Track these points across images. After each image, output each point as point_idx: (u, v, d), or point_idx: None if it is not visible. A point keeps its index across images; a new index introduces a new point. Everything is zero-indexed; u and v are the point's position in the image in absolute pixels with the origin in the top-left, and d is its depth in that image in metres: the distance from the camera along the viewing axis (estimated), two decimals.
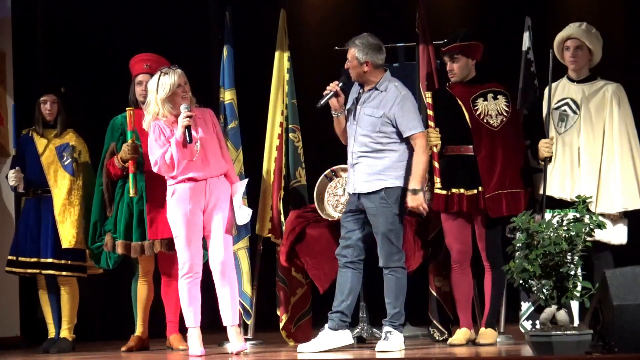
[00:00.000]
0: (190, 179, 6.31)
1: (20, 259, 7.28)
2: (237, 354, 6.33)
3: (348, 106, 6.46)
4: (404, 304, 6.47)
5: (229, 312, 6.37)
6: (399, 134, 6.33)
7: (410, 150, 6.34)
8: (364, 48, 6.36)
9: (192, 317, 6.40)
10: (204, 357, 6.33)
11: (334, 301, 6.41)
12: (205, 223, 6.37)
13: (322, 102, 6.39)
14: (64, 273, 7.23)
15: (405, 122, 6.31)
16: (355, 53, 6.37)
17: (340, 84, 6.39)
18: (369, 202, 6.32)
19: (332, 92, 6.37)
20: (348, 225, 6.40)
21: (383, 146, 6.33)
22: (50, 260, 7.21)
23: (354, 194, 6.38)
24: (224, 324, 6.41)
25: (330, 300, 6.48)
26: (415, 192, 6.26)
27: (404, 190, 6.31)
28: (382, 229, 6.29)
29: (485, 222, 6.58)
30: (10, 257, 7.34)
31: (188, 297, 6.37)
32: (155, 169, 6.38)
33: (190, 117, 6.23)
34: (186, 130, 6.22)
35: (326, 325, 6.36)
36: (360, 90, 6.45)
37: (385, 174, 6.31)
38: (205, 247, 6.53)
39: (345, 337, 6.38)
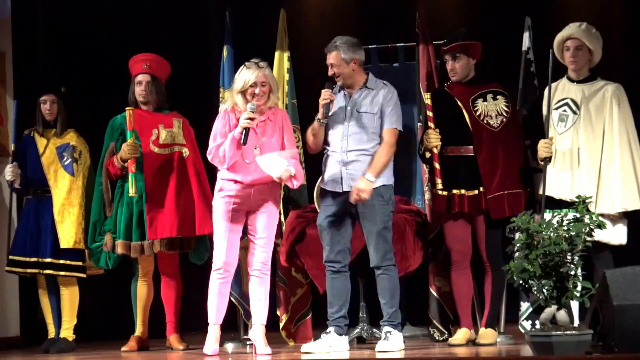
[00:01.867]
0: (238, 181, 6.30)
1: (20, 258, 7.28)
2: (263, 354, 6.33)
3: (333, 111, 6.42)
4: (404, 304, 6.47)
5: (262, 311, 6.42)
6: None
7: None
8: (347, 47, 6.38)
9: (214, 313, 6.40)
10: (217, 357, 6.31)
11: (330, 307, 6.42)
12: (249, 223, 6.39)
13: (325, 112, 6.35)
14: (62, 273, 7.23)
15: (390, 117, 6.35)
16: (340, 54, 6.38)
17: (330, 91, 6.39)
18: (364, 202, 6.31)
19: (330, 100, 6.35)
20: (333, 229, 6.39)
21: (377, 145, 6.33)
22: (49, 260, 7.21)
23: (343, 192, 6.36)
24: (254, 322, 6.43)
25: None
26: (370, 179, 6.22)
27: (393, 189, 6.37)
28: (378, 227, 6.29)
29: (485, 223, 6.58)
30: (9, 257, 7.34)
31: (214, 293, 6.39)
32: (209, 157, 6.34)
33: (251, 119, 6.19)
34: (244, 131, 6.17)
35: (331, 330, 6.37)
36: (345, 93, 6.45)
37: (381, 172, 6.31)
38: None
39: (345, 343, 6.43)
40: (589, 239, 5.40)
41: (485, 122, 6.60)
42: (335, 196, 6.40)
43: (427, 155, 6.67)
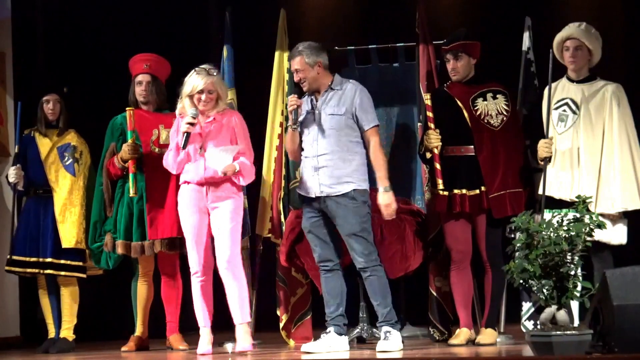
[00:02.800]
0: (190, 183, 6.41)
1: (20, 258, 7.28)
2: (239, 353, 6.32)
3: (302, 117, 6.44)
4: (404, 304, 6.46)
5: (238, 310, 6.41)
6: (360, 135, 6.35)
7: (358, 148, 6.36)
8: (310, 52, 6.39)
9: (202, 316, 6.48)
10: (210, 356, 6.32)
11: (327, 307, 6.43)
12: (211, 222, 6.43)
13: (294, 119, 6.38)
14: (62, 273, 7.24)
15: (364, 115, 6.35)
16: (304, 59, 6.39)
17: (296, 96, 6.40)
18: (336, 205, 6.30)
19: (297, 106, 6.37)
20: (320, 229, 6.40)
21: (348, 149, 6.33)
22: (49, 259, 7.21)
23: (317, 197, 6.36)
24: (235, 322, 6.43)
25: None
26: (386, 190, 6.28)
27: (369, 192, 6.36)
28: (356, 228, 6.28)
29: (486, 222, 6.58)
30: (9, 257, 7.34)
31: (197, 297, 6.46)
32: (164, 164, 6.53)
33: (191, 124, 6.29)
34: (185, 135, 6.28)
35: (331, 329, 6.37)
36: (313, 98, 6.45)
37: (353, 176, 6.32)
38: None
39: (346, 343, 6.43)
40: (589, 239, 5.40)
41: (485, 121, 6.60)
42: (311, 200, 6.42)
43: (428, 155, 6.67)
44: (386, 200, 6.30)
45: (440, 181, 6.60)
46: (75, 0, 8.64)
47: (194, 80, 6.36)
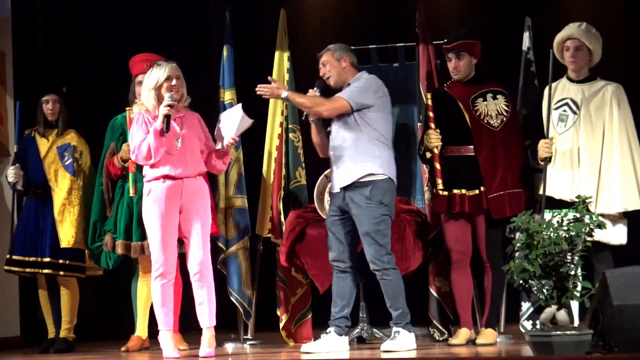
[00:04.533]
0: (166, 177, 6.20)
1: (19, 258, 7.28)
2: (203, 357, 6.22)
3: None
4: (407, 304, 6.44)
5: (207, 314, 6.26)
6: (371, 128, 6.32)
7: (373, 139, 6.32)
8: (338, 47, 6.47)
9: (166, 319, 6.28)
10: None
11: (334, 307, 6.41)
12: (182, 223, 6.25)
13: (305, 113, 6.41)
14: (61, 273, 7.24)
15: (346, 90, 6.35)
16: (331, 53, 6.45)
17: (318, 90, 6.41)
18: (352, 202, 6.27)
19: None
20: (338, 229, 6.39)
21: (362, 143, 6.30)
22: (48, 259, 7.21)
23: (338, 193, 6.34)
24: (201, 326, 6.29)
25: (331, 300, 6.48)
26: (284, 96, 6.32)
27: (389, 182, 6.30)
28: (368, 229, 6.25)
29: (485, 222, 6.58)
30: (8, 256, 7.35)
31: (161, 299, 6.25)
32: (133, 157, 6.30)
33: (171, 106, 6.17)
34: (165, 119, 6.15)
35: (332, 330, 6.36)
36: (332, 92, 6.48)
37: (365, 166, 6.27)
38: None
39: (346, 343, 6.42)
40: (589, 239, 5.40)
41: (485, 121, 6.60)
42: (333, 197, 6.43)
43: (428, 155, 6.67)
44: (275, 85, 6.35)
45: (440, 181, 6.60)
46: (75, 0, 8.64)
47: (157, 72, 6.24)
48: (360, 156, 6.28)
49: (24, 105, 7.49)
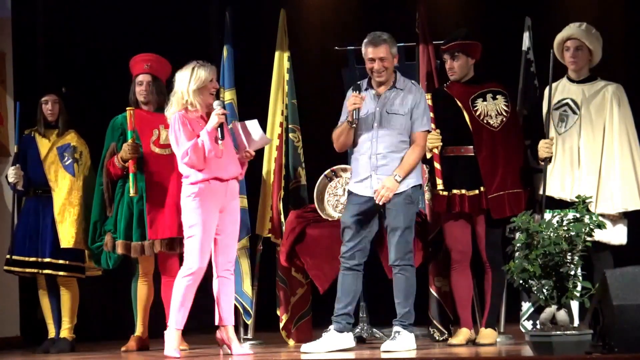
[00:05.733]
0: (216, 178, 6.25)
1: (19, 258, 7.28)
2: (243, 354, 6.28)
3: (362, 113, 6.35)
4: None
5: (231, 311, 6.39)
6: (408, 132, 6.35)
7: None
8: (393, 43, 6.38)
9: (180, 318, 6.30)
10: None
11: (337, 303, 6.40)
12: (219, 222, 6.30)
13: (356, 118, 6.29)
14: (61, 273, 7.23)
15: (421, 119, 6.35)
16: (390, 48, 6.35)
17: (358, 93, 6.32)
18: (391, 202, 6.28)
19: (359, 105, 6.27)
20: (357, 227, 6.35)
21: (404, 146, 6.34)
22: (48, 259, 7.21)
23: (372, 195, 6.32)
24: (226, 323, 6.36)
25: (331, 300, 6.48)
26: (397, 179, 6.25)
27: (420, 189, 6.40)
28: (401, 224, 6.27)
29: (485, 222, 6.58)
30: (8, 257, 7.34)
31: (182, 298, 6.28)
32: (184, 160, 6.22)
33: (224, 114, 6.24)
34: (220, 126, 6.18)
35: (332, 327, 6.36)
36: (373, 92, 6.41)
37: (410, 175, 6.31)
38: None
39: (349, 339, 6.39)
40: (589, 239, 5.40)
41: (485, 121, 6.60)
42: (364, 198, 6.37)
43: (428, 155, 6.67)
44: (389, 184, 6.24)
45: (440, 181, 6.60)
46: (75, 0, 8.64)
47: (202, 73, 6.25)
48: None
49: (23, 105, 7.49)
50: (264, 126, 7.38)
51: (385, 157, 6.33)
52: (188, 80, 6.26)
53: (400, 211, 6.29)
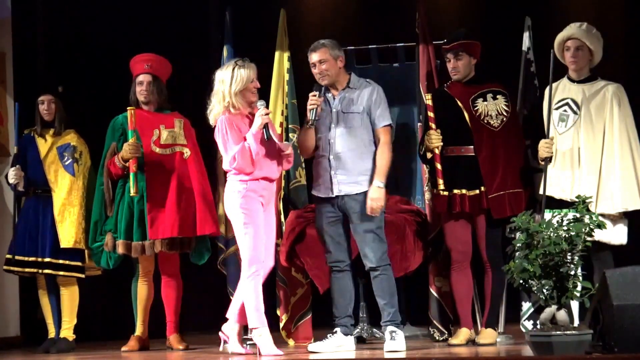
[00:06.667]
0: (265, 178, 6.24)
1: (19, 258, 7.28)
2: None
3: (320, 116, 6.40)
4: (404, 304, 6.45)
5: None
6: (373, 131, 6.36)
7: (370, 144, 6.37)
8: (333, 45, 6.42)
9: (261, 317, 6.22)
10: (283, 357, 6.16)
11: (336, 307, 6.43)
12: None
13: (314, 118, 6.35)
14: (61, 273, 7.23)
15: (380, 115, 6.36)
16: (328, 50, 6.40)
17: (320, 94, 6.37)
18: (354, 202, 6.32)
19: (317, 105, 6.33)
20: (335, 230, 6.40)
21: (364, 146, 6.35)
22: (48, 259, 7.21)
23: (337, 196, 6.36)
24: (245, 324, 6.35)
25: (331, 300, 6.48)
26: (380, 186, 6.26)
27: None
28: (372, 227, 6.29)
29: (486, 222, 6.58)
30: (8, 256, 7.34)
31: (256, 300, 6.20)
32: (233, 165, 6.19)
33: (268, 114, 6.22)
34: (265, 126, 6.17)
35: (338, 330, 6.38)
36: (329, 95, 6.45)
37: (369, 174, 6.32)
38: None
39: (352, 343, 6.44)
40: (589, 239, 5.40)
41: (485, 121, 6.60)
42: (329, 200, 6.41)
43: (428, 155, 6.67)
44: (376, 194, 6.27)
45: (440, 181, 6.60)
46: (75, 0, 8.64)
47: (244, 73, 6.20)
48: (365, 163, 6.33)
49: (23, 105, 7.49)
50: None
51: (343, 157, 6.34)
52: (229, 82, 6.22)
53: (365, 213, 6.28)
